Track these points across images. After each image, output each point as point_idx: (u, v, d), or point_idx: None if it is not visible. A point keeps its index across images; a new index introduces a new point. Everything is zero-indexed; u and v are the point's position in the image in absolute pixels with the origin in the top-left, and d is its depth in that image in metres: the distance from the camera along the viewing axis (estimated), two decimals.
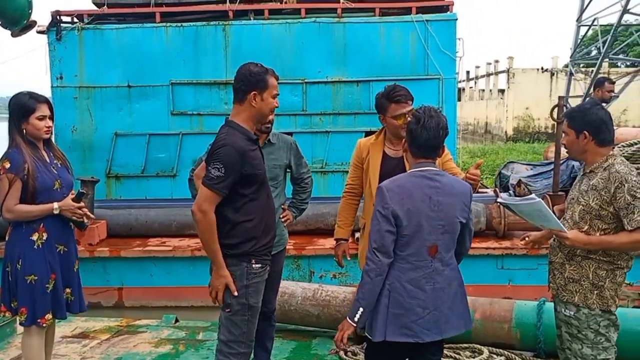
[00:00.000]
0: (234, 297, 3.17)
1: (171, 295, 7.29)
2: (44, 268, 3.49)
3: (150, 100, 8.97)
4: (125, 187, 9.04)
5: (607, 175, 3.03)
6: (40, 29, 9.02)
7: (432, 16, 8.70)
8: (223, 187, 3.02)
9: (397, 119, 3.61)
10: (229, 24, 8.86)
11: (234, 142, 3.07)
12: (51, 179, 3.48)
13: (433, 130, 2.82)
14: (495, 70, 42.46)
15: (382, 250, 2.76)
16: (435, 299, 2.79)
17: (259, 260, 3.22)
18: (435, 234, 2.78)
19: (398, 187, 2.81)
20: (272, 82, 3.23)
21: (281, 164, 4.00)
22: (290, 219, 4.13)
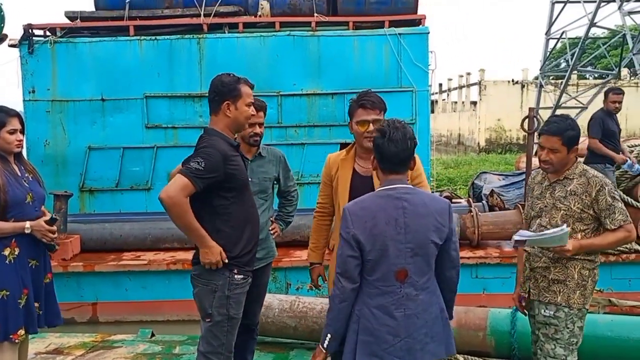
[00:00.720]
0: (215, 307, 3.18)
1: (147, 310, 7.24)
2: (16, 283, 3.43)
3: (124, 114, 8.91)
4: (99, 201, 8.96)
5: (585, 180, 3.27)
6: (12, 42, 8.93)
7: (405, 30, 8.83)
8: (199, 180, 3.01)
9: (360, 125, 3.32)
10: (204, 37, 8.87)
11: (216, 145, 3.11)
12: (23, 192, 3.45)
13: (401, 142, 2.66)
14: (467, 82, 43.03)
15: (345, 275, 2.63)
16: (408, 326, 2.63)
17: (241, 271, 3.23)
18: (404, 258, 2.61)
19: (361, 210, 2.67)
20: (245, 91, 3.24)
21: (271, 177, 4.00)
22: (278, 231, 4.14)
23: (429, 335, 2.67)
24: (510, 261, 7.11)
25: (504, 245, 7.60)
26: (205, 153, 3.06)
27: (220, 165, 3.06)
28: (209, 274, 3.19)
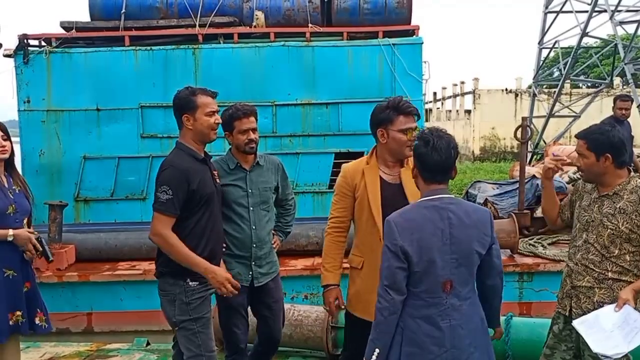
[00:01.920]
0: (178, 315, 3.24)
1: (142, 320, 7.21)
2: None
3: (119, 124, 8.93)
4: (94, 211, 8.96)
5: (636, 198, 3.06)
6: (7, 52, 8.96)
7: (399, 40, 8.90)
8: (174, 208, 3.09)
9: (406, 133, 3.21)
10: (199, 47, 8.92)
11: (176, 163, 3.17)
12: (5, 203, 3.46)
13: (444, 151, 2.63)
14: (462, 91, 43.22)
15: (394, 287, 2.60)
16: (453, 336, 2.62)
17: (195, 278, 3.23)
18: (449, 269, 2.61)
19: (407, 221, 2.63)
20: (201, 101, 3.26)
21: (271, 186, 3.88)
22: (279, 243, 4.04)
23: (472, 345, 2.67)
24: (504, 270, 7.14)
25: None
26: (169, 176, 3.13)
27: (183, 183, 3.13)
28: (167, 285, 3.27)
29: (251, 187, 3.73)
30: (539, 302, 7.02)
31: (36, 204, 8.66)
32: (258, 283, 3.78)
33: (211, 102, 3.29)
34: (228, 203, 3.69)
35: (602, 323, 2.99)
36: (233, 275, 3.65)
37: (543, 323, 4.14)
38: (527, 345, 4.44)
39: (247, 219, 3.71)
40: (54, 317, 7.27)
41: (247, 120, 3.69)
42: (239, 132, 3.70)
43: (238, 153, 3.78)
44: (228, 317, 3.79)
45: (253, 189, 3.74)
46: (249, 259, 3.73)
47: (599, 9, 16.41)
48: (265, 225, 3.79)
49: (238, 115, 3.69)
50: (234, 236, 3.70)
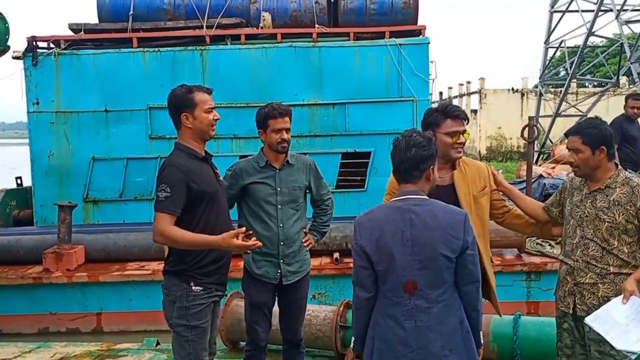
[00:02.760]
0: (175, 318, 3.20)
1: (151, 319, 7.23)
2: None
3: (128, 125, 9.00)
4: (103, 212, 9.02)
5: (629, 189, 3.13)
6: (16, 54, 9.04)
7: (405, 40, 8.93)
8: (174, 206, 3.06)
9: (452, 136, 3.23)
10: (206, 49, 8.97)
11: (175, 162, 3.14)
12: None
13: (403, 151, 2.67)
14: (468, 91, 43.13)
15: (359, 284, 2.68)
16: (419, 338, 2.59)
17: (199, 283, 3.20)
18: (412, 270, 2.58)
19: (369, 221, 2.67)
20: (199, 98, 3.21)
21: (301, 186, 3.86)
22: (312, 242, 3.98)
23: (446, 348, 2.61)
24: (512, 269, 7.16)
25: (505, 253, 7.64)
26: (168, 176, 3.10)
27: (182, 181, 3.10)
28: (170, 285, 3.24)
29: (280, 186, 3.74)
30: (547, 301, 7.01)
31: (45, 204, 8.80)
32: (287, 281, 3.79)
33: (208, 99, 3.25)
34: (256, 201, 3.72)
35: (615, 317, 3.00)
36: (261, 275, 3.67)
37: (551, 322, 4.15)
38: (535, 344, 4.45)
39: (275, 217, 3.71)
40: (63, 317, 7.44)
41: (282, 120, 3.70)
42: (272, 131, 3.72)
43: (269, 151, 3.79)
44: (251, 313, 3.83)
45: (282, 187, 3.75)
46: (277, 256, 3.74)
47: (604, 8, 16.38)
48: (294, 224, 3.78)
49: (274, 114, 3.71)
50: (262, 234, 3.68)
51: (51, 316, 7.41)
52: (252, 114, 9.10)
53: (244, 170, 3.78)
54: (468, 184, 3.35)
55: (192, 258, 3.18)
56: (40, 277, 7.36)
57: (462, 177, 3.33)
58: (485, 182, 3.41)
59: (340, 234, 7.37)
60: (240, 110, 8.79)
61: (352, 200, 8.67)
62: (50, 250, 7.46)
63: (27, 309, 7.33)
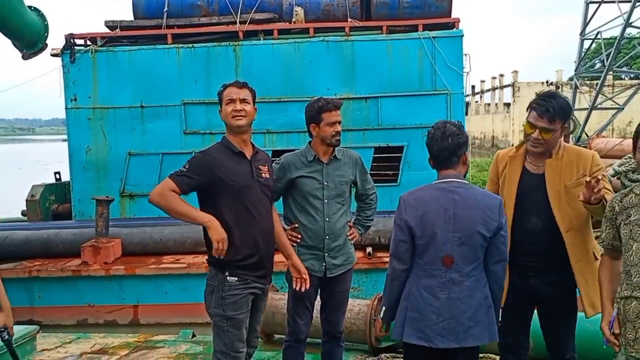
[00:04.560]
0: (212, 307, 3.29)
1: (186, 312, 7.37)
2: None
3: (163, 120, 9.12)
4: (139, 206, 9.16)
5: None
6: (55, 52, 9.21)
7: (439, 33, 8.85)
8: (182, 180, 3.17)
9: (527, 127, 3.22)
10: (239, 44, 9.03)
11: (206, 151, 3.31)
12: None
13: (440, 141, 2.92)
14: (501, 84, 42.62)
15: (397, 257, 2.95)
16: (451, 307, 2.85)
17: (234, 274, 3.27)
18: (450, 245, 2.84)
19: (415, 200, 2.93)
20: (225, 92, 3.36)
21: (347, 180, 3.86)
22: (357, 236, 3.99)
23: (472, 320, 2.86)
24: None
25: None
26: (193, 158, 3.27)
27: (205, 168, 3.20)
28: (210, 275, 3.33)
29: (327, 180, 3.75)
30: None
31: (83, 199, 8.97)
32: (331, 274, 3.80)
33: (232, 92, 3.34)
34: (303, 194, 3.74)
35: None
36: (306, 267, 3.69)
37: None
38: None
39: (321, 210, 3.73)
40: (101, 309, 7.59)
41: (335, 113, 3.70)
42: (326, 124, 3.70)
43: (318, 145, 3.78)
44: (293, 305, 3.85)
45: (329, 182, 3.75)
46: (322, 250, 3.75)
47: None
48: (339, 219, 3.78)
49: (328, 107, 3.69)
50: (308, 227, 3.74)
51: (89, 308, 7.58)
52: (284, 108, 9.26)
53: (291, 163, 3.79)
54: (561, 172, 3.19)
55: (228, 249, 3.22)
56: (79, 270, 7.53)
57: (554, 166, 3.21)
58: (584, 171, 3.18)
59: (373, 229, 7.36)
60: (273, 105, 8.84)
61: (385, 195, 8.59)
62: (88, 244, 7.62)
63: (66, 301, 7.52)
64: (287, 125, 8.94)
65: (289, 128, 8.90)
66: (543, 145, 3.15)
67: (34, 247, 7.92)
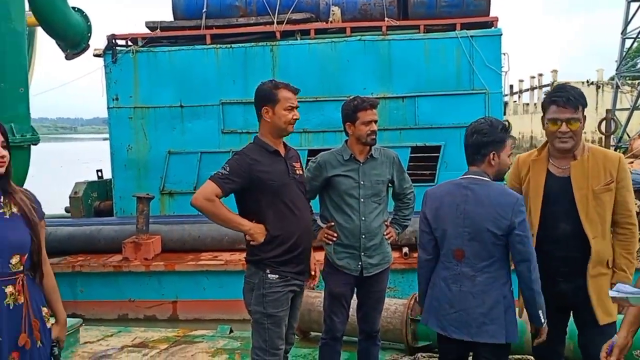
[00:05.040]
0: (253, 305, 3.29)
1: (224, 308, 7.46)
2: None
3: (201, 120, 9.27)
4: (178, 203, 9.32)
5: None
6: (97, 52, 9.44)
7: (477, 32, 8.78)
8: (225, 183, 3.14)
9: (551, 123, 3.09)
10: (277, 44, 9.11)
11: (245, 153, 3.27)
12: None
13: (468, 136, 2.96)
14: (540, 83, 41.90)
15: (421, 247, 3.13)
16: (462, 300, 2.89)
17: (275, 271, 3.28)
18: (461, 240, 2.89)
19: (434, 193, 3.08)
20: (282, 95, 3.28)
21: (384, 179, 3.83)
22: (394, 235, 3.94)
23: (487, 317, 2.86)
24: None
25: None
26: (233, 160, 3.24)
27: (245, 170, 3.19)
28: (250, 273, 3.34)
29: (363, 179, 3.73)
30: None
31: (124, 196, 9.17)
32: (367, 273, 3.78)
33: (292, 97, 3.32)
34: (339, 193, 3.73)
35: None
36: (342, 266, 3.72)
37: None
38: None
39: (357, 209, 3.71)
40: (141, 304, 7.75)
41: (371, 112, 3.68)
42: (362, 123, 3.68)
43: (354, 144, 3.77)
44: (330, 303, 3.86)
45: (365, 180, 3.73)
46: (358, 249, 3.73)
47: None
48: (376, 218, 3.76)
49: (364, 106, 3.67)
50: (344, 226, 3.73)
51: (130, 303, 7.74)
52: (320, 108, 9.30)
53: (327, 162, 3.77)
54: (588, 176, 3.02)
55: (269, 247, 3.26)
56: (120, 265, 7.70)
57: (580, 169, 3.02)
58: (611, 175, 3.02)
59: (410, 229, 7.33)
60: (309, 105, 8.87)
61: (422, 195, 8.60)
62: (129, 240, 7.79)
63: (108, 296, 7.69)
64: (323, 125, 8.98)
65: (325, 127, 8.95)
66: (572, 138, 3.00)
67: (77, 242, 8.12)
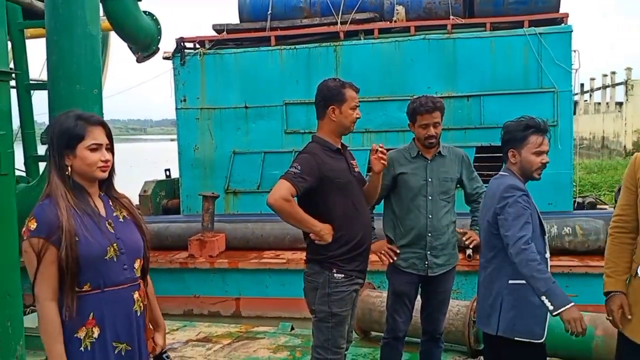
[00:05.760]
0: (317, 304, 3.28)
1: (286, 306, 7.53)
2: None
3: (265, 120, 9.40)
4: (242, 202, 9.49)
5: None
6: (166, 55, 9.72)
7: (546, 29, 8.52)
8: (299, 182, 3.13)
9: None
10: (340, 44, 9.12)
11: (311, 151, 3.26)
12: (101, 243, 2.26)
13: None
14: (612, 82, 40.30)
15: None
16: (479, 291, 3.15)
17: (341, 270, 3.26)
18: (482, 232, 3.16)
19: None
20: (349, 95, 3.28)
21: (453, 177, 3.81)
22: (477, 239, 3.77)
23: (492, 307, 2.99)
24: None
25: None
26: (302, 159, 3.22)
27: (315, 169, 3.18)
28: (313, 272, 3.32)
29: (431, 176, 3.71)
30: None
31: (190, 195, 9.41)
32: (432, 273, 3.74)
33: (356, 97, 3.34)
34: (407, 191, 3.72)
35: None
36: (408, 265, 3.71)
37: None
38: None
39: (425, 207, 3.69)
40: (206, 300, 7.93)
41: (429, 116, 3.64)
42: (419, 126, 3.69)
43: (418, 144, 3.78)
44: (393, 302, 3.84)
45: (433, 178, 3.71)
46: (424, 248, 3.70)
47: None
48: (443, 216, 3.72)
49: (420, 110, 3.67)
50: (410, 225, 3.71)
51: (195, 299, 7.94)
52: (383, 108, 9.27)
53: (395, 160, 3.76)
54: None
55: (336, 245, 3.25)
56: (186, 262, 7.91)
57: None
58: None
59: None
60: (372, 105, 8.83)
61: None
62: (195, 238, 7.99)
63: (174, 292, 7.89)
64: (385, 125, 8.94)
65: (388, 127, 8.90)
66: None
67: None
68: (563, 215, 7.91)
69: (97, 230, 2.25)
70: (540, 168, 3.01)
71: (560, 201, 8.50)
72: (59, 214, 2.16)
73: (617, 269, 2.89)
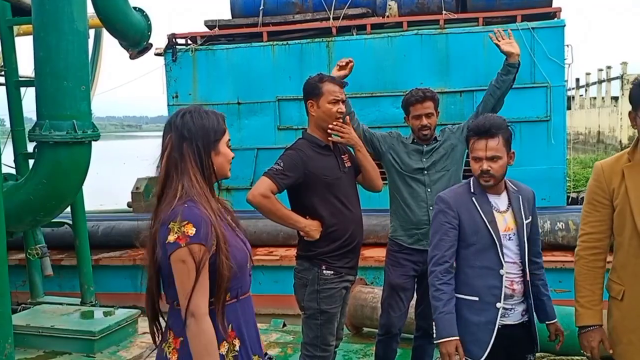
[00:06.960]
0: (306, 301, 3.27)
1: (278, 303, 7.51)
2: None
3: (258, 116, 9.36)
4: (235, 199, 9.42)
5: None
6: (158, 51, 9.66)
7: (539, 23, 8.50)
8: (280, 179, 3.13)
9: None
10: (332, 40, 9.09)
11: (296, 148, 3.25)
12: (244, 249, 2.17)
13: None
14: (608, 76, 40.34)
15: None
16: None
17: (330, 267, 3.25)
18: None
19: None
20: (326, 88, 3.24)
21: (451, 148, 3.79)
22: None
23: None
24: None
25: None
26: (286, 155, 3.22)
27: (299, 165, 3.17)
28: (302, 269, 3.31)
29: (427, 156, 3.71)
30: None
31: None
32: None
33: (336, 91, 3.26)
34: (403, 179, 3.71)
35: None
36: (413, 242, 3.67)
37: None
38: None
39: (424, 199, 3.65)
40: None
41: (421, 106, 3.63)
42: (412, 117, 3.69)
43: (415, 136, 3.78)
44: (387, 296, 3.77)
45: (429, 157, 3.71)
46: (428, 223, 3.56)
47: None
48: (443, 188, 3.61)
49: (411, 101, 3.66)
50: (409, 200, 3.68)
51: None
52: (376, 103, 9.21)
53: (393, 144, 3.83)
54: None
55: (325, 242, 3.24)
56: None
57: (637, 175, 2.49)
58: None
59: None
60: (365, 100, 8.81)
61: None
62: None
63: None
64: (378, 120, 8.89)
65: (381, 123, 8.83)
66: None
67: None
68: (556, 210, 7.90)
69: (234, 235, 2.13)
70: (480, 176, 2.69)
71: (554, 196, 8.49)
72: (212, 219, 1.99)
73: (593, 298, 2.61)
